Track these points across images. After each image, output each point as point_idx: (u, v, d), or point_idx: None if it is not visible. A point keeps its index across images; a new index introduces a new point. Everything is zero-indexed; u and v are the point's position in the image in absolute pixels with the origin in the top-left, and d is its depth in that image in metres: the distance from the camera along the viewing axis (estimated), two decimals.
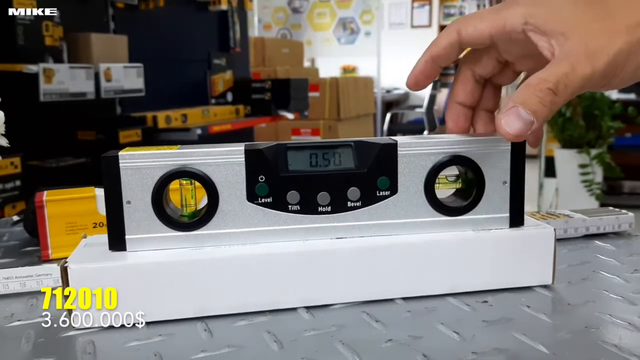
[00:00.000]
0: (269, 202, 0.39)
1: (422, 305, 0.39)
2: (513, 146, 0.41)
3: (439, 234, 0.41)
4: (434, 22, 5.66)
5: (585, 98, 2.80)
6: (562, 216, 0.54)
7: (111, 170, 0.38)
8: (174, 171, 0.38)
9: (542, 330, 0.35)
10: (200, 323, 0.37)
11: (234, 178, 0.39)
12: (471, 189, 0.41)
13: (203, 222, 0.39)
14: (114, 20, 2.15)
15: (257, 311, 0.39)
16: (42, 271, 0.43)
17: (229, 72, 2.75)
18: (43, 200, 0.51)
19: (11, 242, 0.58)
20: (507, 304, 0.39)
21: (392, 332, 0.35)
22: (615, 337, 0.34)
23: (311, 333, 0.36)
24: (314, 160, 0.40)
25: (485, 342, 0.34)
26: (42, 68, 1.66)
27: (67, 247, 0.51)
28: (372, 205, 0.40)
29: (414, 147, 0.40)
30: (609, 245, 0.52)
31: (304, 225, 0.40)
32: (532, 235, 0.41)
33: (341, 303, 0.40)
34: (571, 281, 0.43)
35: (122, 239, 0.38)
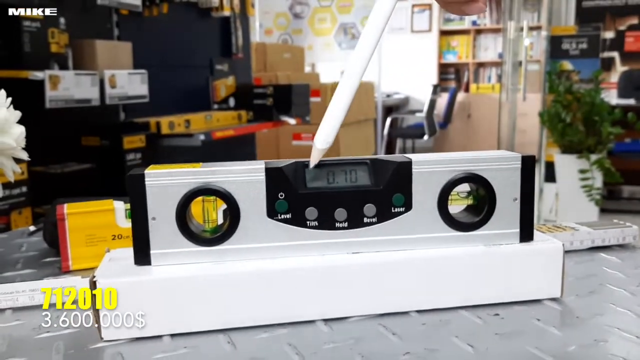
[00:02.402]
0: (288, 218, 0.41)
1: (436, 317, 0.41)
2: (523, 164, 0.42)
3: (452, 249, 0.42)
4: (434, 27, 5.68)
5: (585, 104, 2.82)
6: (568, 229, 0.55)
7: (137, 188, 0.39)
8: (198, 189, 0.39)
9: (553, 343, 0.37)
10: (223, 335, 0.39)
11: (254, 195, 0.40)
12: (483, 205, 0.43)
13: (225, 237, 0.40)
14: (118, 27, 2.16)
15: (277, 323, 0.40)
16: (66, 284, 0.45)
17: (232, 78, 2.77)
18: (64, 214, 0.52)
19: (30, 253, 0.60)
20: (517, 317, 0.41)
21: (408, 345, 0.37)
22: (624, 351, 0.35)
23: (330, 346, 0.37)
24: (332, 178, 0.41)
25: (498, 354, 0.35)
26: (48, 75, 1.68)
27: (87, 259, 0.53)
28: (387, 221, 0.42)
29: (428, 165, 0.41)
30: (614, 257, 0.53)
31: (322, 241, 0.41)
32: (542, 250, 0.43)
33: (358, 316, 0.41)
34: (579, 294, 0.45)
35: (147, 254, 0.40)
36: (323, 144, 0.40)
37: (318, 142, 0.40)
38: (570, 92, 2.89)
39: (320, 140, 0.40)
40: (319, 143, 0.40)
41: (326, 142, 0.40)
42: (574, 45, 3.17)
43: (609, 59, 3.49)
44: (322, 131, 0.41)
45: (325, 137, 0.40)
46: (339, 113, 0.41)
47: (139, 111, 2.18)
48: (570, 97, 2.88)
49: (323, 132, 0.41)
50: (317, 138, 0.41)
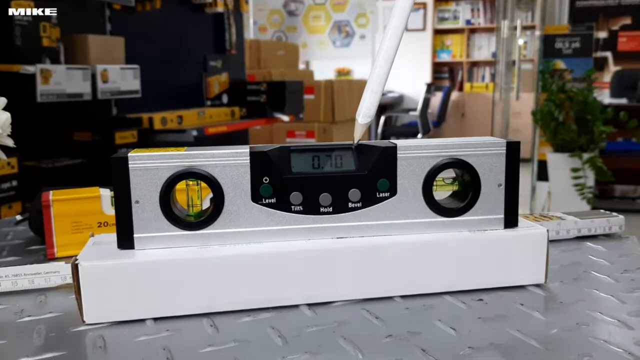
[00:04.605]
0: (272, 202, 0.41)
1: (420, 303, 0.41)
2: (508, 150, 0.42)
3: (436, 235, 0.42)
4: (428, 26, 5.69)
5: (578, 103, 2.83)
6: (554, 218, 0.55)
7: (120, 170, 0.39)
8: (182, 172, 0.39)
9: (535, 327, 0.37)
10: (206, 319, 0.39)
11: (239, 179, 0.40)
12: (467, 191, 0.43)
13: (209, 221, 0.40)
14: (110, 22, 2.15)
15: (260, 308, 0.40)
16: (50, 269, 0.44)
17: (225, 74, 2.76)
18: (49, 200, 0.52)
19: (16, 241, 0.59)
20: (501, 302, 0.41)
21: (391, 328, 0.37)
22: (605, 334, 0.35)
23: (314, 329, 0.37)
24: (316, 163, 0.41)
25: (481, 337, 0.35)
26: (40, 69, 1.67)
27: (72, 246, 0.53)
28: (372, 206, 0.41)
29: (413, 150, 0.41)
30: (600, 246, 0.54)
31: (307, 226, 0.41)
32: (526, 235, 0.43)
33: (342, 300, 0.41)
34: (563, 280, 0.45)
35: (130, 238, 0.40)
36: (365, 118, 0.42)
37: (360, 118, 0.42)
38: (563, 91, 2.90)
39: (362, 115, 0.42)
40: (361, 118, 0.42)
41: (367, 116, 0.42)
42: (567, 44, 3.18)
43: (602, 58, 3.51)
44: (363, 106, 0.42)
45: (367, 112, 0.42)
46: (378, 88, 0.42)
47: (131, 106, 2.17)
48: (563, 96, 2.89)
49: (364, 107, 0.42)
50: (359, 113, 0.42)
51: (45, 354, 0.34)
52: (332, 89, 3.47)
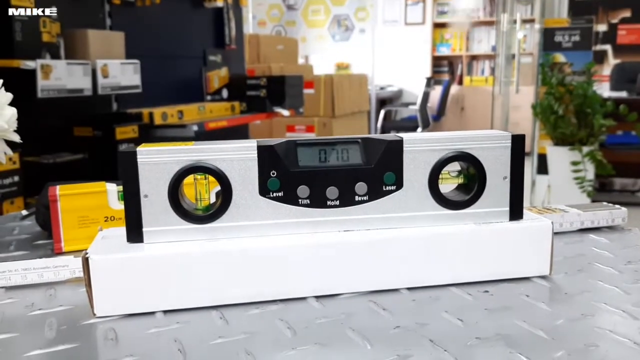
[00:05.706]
0: (280, 196, 0.41)
1: (426, 294, 0.41)
2: (513, 143, 0.43)
3: (442, 227, 0.42)
4: (427, 20, 5.68)
5: (578, 96, 2.83)
6: (558, 211, 0.56)
7: (129, 165, 0.39)
8: (190, 166, 0.40)
9: (541, 318, 0.37)
10: (215, 311, 0.39)
11: (246, 173, 0.40)
12: (473, 184, 0.43)
13: (217, 215, 0.41)
14: (110, 17, 2.15)
15: (268, 300, 0.40)
16: (59, 263, 0.45)
17: (225, 69, 2.76)
18: (57, 195, 0.52)
19: (22, 236, 0.60)
20: (507, 294, 0.41)
21: (399, 319, 0.37)
22: (611, 324, 0.36)
23: (322, 320, 0.37)
24: (323, 156, 0.42)
25: (487, 328, 0.36)
26: (40, 64, 1.67)
27: (79, 240, 0.53)
28: (378, 200, 0.42)
29: (419, 143, 0.42)
30: (603, 238, 0.54)
31: (314, 219, 0.41)
32: (531, 227, 0.43)
33: (349, 293, 0.42)
34: (568, 272, 0.45)
35: (139, 231, 0.40)
36: None
37: None
38: (563, 85, 2.90)
39: None
40: None
41: None
42: (567, 37, 3.18)
43: (602, 51, 3.51)
44: None
45: None
46: None
47: (131, 102, 2.17)
48: (563, 90, 2.89)
49: None
50: None
51: (58, 346, 0.35)
52: (332, 83, 3.47)
